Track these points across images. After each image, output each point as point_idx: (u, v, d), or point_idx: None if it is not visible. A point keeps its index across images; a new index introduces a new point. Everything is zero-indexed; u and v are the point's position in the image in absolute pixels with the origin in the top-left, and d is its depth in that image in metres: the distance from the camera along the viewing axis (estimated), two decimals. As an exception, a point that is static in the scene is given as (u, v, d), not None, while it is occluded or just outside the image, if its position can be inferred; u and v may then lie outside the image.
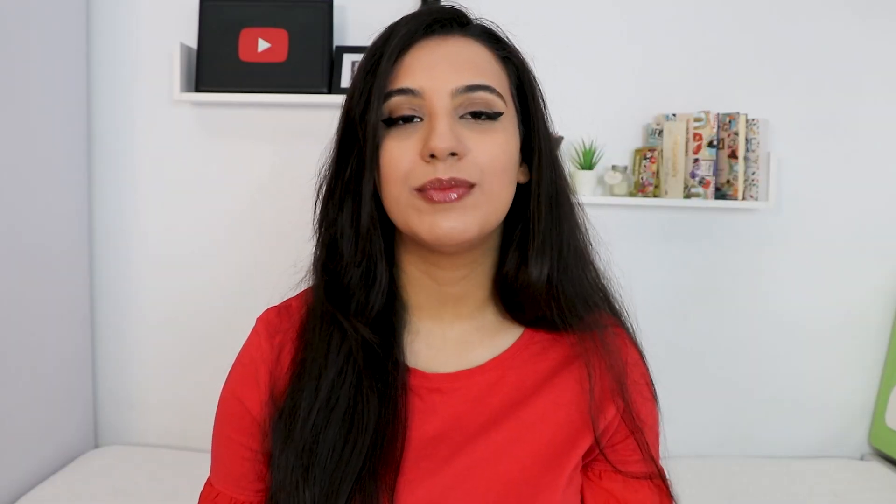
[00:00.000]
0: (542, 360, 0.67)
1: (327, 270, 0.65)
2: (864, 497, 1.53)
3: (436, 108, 0.58)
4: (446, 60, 0.60)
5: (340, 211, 0.63)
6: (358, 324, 0.63)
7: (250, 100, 1.69)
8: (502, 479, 0.62)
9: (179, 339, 1.82)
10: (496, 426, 0.64)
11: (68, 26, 1.65)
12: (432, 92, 0.58)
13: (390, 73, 0.59)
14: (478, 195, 0.59)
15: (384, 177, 0.60)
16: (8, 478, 1.45)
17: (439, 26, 0.62)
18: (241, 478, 0.67)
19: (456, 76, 0.59)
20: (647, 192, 1.71)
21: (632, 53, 1.77)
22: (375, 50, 0.62)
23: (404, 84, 0.59)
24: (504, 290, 0.67)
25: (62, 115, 1.64)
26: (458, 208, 0.58)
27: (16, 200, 1.47)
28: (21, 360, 1.49)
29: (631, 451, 0.67)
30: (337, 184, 0.64)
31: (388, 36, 0.61)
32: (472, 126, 0.59)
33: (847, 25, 1.75)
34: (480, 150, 0.59)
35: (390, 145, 0.59)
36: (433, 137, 0.57)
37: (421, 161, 0.58)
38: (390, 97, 0.59)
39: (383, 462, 0.60)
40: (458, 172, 0.57)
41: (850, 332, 1.82)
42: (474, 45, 0.63)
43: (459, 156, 0.58)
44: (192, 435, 1.81)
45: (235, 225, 1.80)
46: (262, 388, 0.66)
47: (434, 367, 0.67)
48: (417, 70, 0.59)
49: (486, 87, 0.60)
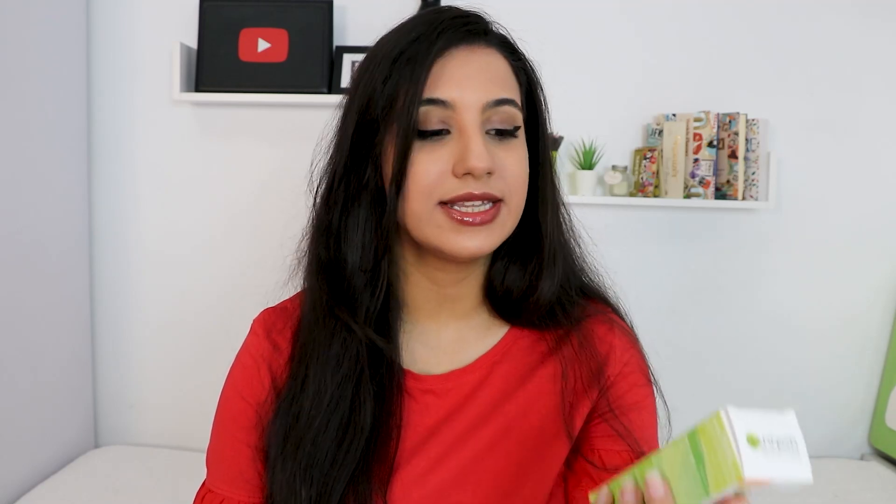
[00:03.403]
0: (528, 355, 0.68)
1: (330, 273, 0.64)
2: (864, 497, 1.53)
3: (468, 122, 0.58)
4: (476, 74, 0.60)
5: (345, 215, 0.63)
6: (367, 328, 0.63)
7: (250, 100, 1.69)
8: (492, 473, 0.63)
9: (179, 339, 1.82)
10: (486, 422, 0.65)
11: (68, 26, 1.65)
12: (465, 106, 0.58)
13: (426, 81, 0.58)
14: (504, 214, 0.60)
15: (408, 189, 0.59)
16: (8, 478, 1.45)
17: (470, 35, 0.61)
18: (243, 478, 0.67)
19: (485, 91, 0.59)
20: (647, 192, 1.71)
21: (632, 53, 1.77)
22: (402, 51, 0.59)
23: (437, 94, 0.58)
24: (492, 292, 0.68)
25: (62, 114, 1.64)
26: (486, 229, 0.59)
27: (16, 200, 1.47)
28: (21, 360, 1.49)
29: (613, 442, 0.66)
30: (343, 187, 0.62)
31: (417, 38, 0.60)
32: (496, 142, 0.60)
33: (847, 25, 1.75)
34: (509, 167, 0.60)
35: (418, 158, 0.58)
36: (470, 157, 0.57)
37: (451, 176, 0.58)
38: (422, 106, 0.58)
39: (377, 462, 0.61)
40: (488, 188, 0.58)
41: (850, 332, 1.82)
42: (497, 57, 0.63)
43: (492, 173, 0.58)
44: (191, 435, 1.81)
45: (236, 225, 1.80)
46: (265, 386, 0.67)
47: (428, 368, 0.67)
48: (451, 82, 0.59)
49: (511, 102, 0.60)
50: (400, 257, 0.67)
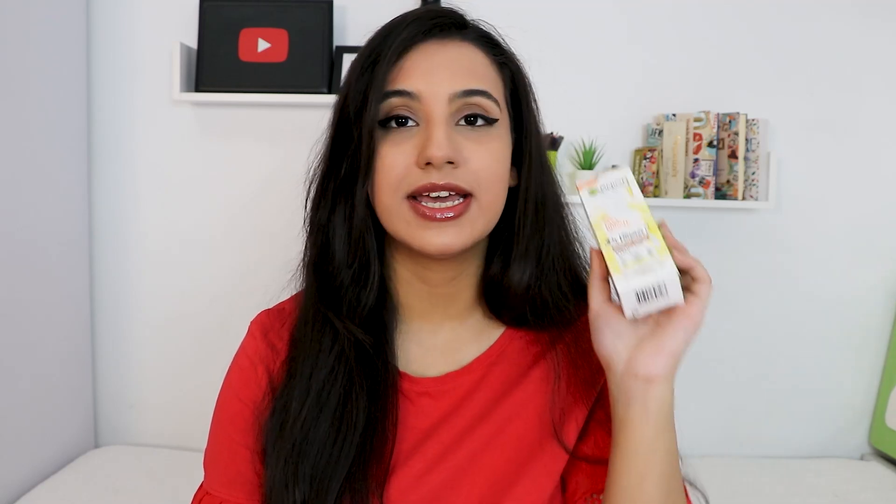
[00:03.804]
0: (523, 357, 0.68)
1: (319, 271, 0.65)
2: (864, 497, 1.53)
3: (433, 113, 0.58)
4: (445, 65, 0.60)
5: (332, 212, 0.63)
6: (350, 324, 0.63)
7: (250, 100, 1.69)
8: (488, 472, 0.63)
9: (179, 338, 1.82)
10: (481, 423, 0.65)
11: (68, 26, 1.65)
12: (430, 96, 0.58)
13: (388, 75, 0.59)
14: (475, 210, 0.59)
15: (377, 183, 0.59)
16: (8, 478, 1.45)
17: (438, 29, 0.62)
18: (240, 479, 0.67)
19: (454, 81, 0.59)
20: (647, 192, 1.71)
21: (632, 53, 1.77)
22: (373, 49, 0.61)
23: (402, 86, 0.59)
24: (489, 292, 0.68)
25: (62, 114, 1.64)
26: (454, 225, 0.58)
27: (16, 200, 1.47)
28: (21, 360, 1.49)
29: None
30: (328, 184, 0.63)
31: (387, 35, 0.61)
32: (467, 133, 0.59)
33: (847, 25, 1.75)
34: (476, 159, 0.59)
35: (385, 150, 0.59)
36: (430, 145, 0.56)
37: (416, 168, 0.58)
38: (387, 98, 0.59)
39: (374, 461, 0.61)
40: (453, 179, 0.57)
41: (850, 332, 1.82)
42: (472, 50, 0.62)
43: (456, 164, 0.58)
44: (191, 435, 1.81)
45: (236, 225, 1.80)
46: (261, 387, 0.67)
47: (423, 370, 0.67)
48: (416, 73, 0.59)
49: (484, 93, 0.60)
50: (391, 257, 0.67)
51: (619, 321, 0.57)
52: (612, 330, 0.57)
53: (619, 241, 0.56)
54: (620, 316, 0.56)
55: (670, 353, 0.55)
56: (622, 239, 0.56)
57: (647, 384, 0.55)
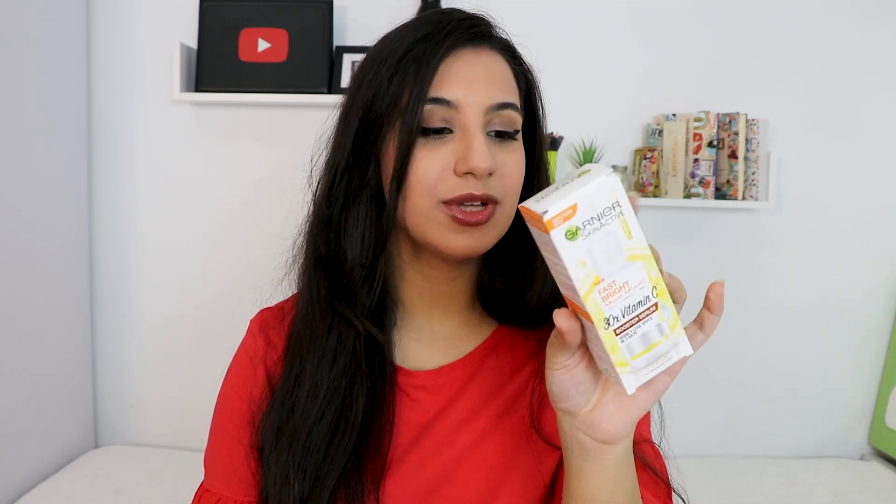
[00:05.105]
0: (518, 351, 0.69)
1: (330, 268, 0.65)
2: (864, 497, 1.54)
3: (471, 123, 0.59)
4: (481, 76, 0.60)
5: (346, 210, 0.63)
6: (366, 321, 0.63)
7: (250, 100, 1.69)
8: (483, 465, 0.63)
9: (179, 338, 1.82)
10: (476, 416, 0.65)
11: (68, 26, 1.65)
12: (469, 106, 0.59)
13: (432, 81, 0.59)
14: (499, 214, 0.61)
15: (409, 185, 0.59)
16: (8, 478, 1.45)
17: (474, 37, 0.62)
18: (238, 476, 0.67)
19: (490, 93, 0.60)
20: (647, 192, 1.71)
21: (632, 53, 1.77)
22: (407, 51, 0.60)
23: (442, 94, 0.59)
24: (484, 291, 0.69)
25: (62, 114, 1.64)
26: (480, 229, 0.60)
27: (16, 200, 1.47)
28: (21, 359, 1.49)
29: None
30: (345, 183, 0.63)
31: (423, 38, 0.60)
32: (497, 144, 0.61)
33: (847, 25, 1.75)
34: (506, 169, 0.60)
35: (420, 155, 0.59)
36: (473, 156, 0.57)
37: (451, 174, 0.59)
38: (427, 104, 0.59)
39: (370, 458, 0.61)
40: (488, 189, 0.59)
41: (850, 332, 1.82)
42: (499, 60, 0.63)
43: (492, 174, 0.59)
44: (191, 435, 1.81)
45: (235, 225, 1.80)
46: (260, 384, 0.67)
47: (421, 364, 0.68)
48: (455, 82, 0.59)
49: (513, 106, 0.61)
50: (396, 255, 0.68)
51: (586, 376, 0.49)
52: (576, 387, 0.49)
53: (621, 320, 0.42)
54: (591, 372, 0.49)
55: (637, 409, 0.49)
56: (624, 314, 0.42)
57: (605, 445, 0.50)
